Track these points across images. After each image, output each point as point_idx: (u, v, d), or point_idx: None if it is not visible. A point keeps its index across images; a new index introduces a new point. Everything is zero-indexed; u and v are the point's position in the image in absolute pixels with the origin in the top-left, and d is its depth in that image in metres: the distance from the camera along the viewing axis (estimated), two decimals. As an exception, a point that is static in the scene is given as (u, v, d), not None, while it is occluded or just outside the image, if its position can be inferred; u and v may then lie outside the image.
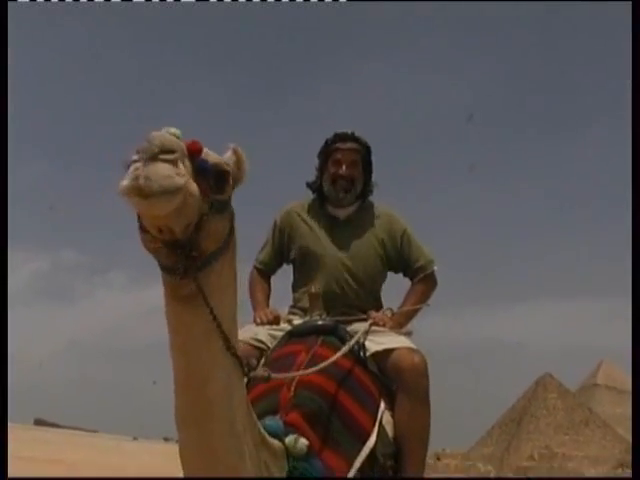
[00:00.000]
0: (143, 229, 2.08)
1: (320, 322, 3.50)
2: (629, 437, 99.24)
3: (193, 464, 2.30)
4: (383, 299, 4.03)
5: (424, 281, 3.88)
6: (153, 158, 1.93)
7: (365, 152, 3.81)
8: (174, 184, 1.93)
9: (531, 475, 78.80)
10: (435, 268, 3.90)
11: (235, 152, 2.29)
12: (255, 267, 4.01)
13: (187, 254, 2.09)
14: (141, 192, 1.89)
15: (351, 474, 2.77)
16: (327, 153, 3.80)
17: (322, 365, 2.94)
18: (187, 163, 2.05)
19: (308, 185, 3.96)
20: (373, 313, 3.62)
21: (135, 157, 1.96)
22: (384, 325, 3.52)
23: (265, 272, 4.06)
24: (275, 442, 2.55)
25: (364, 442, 2.93)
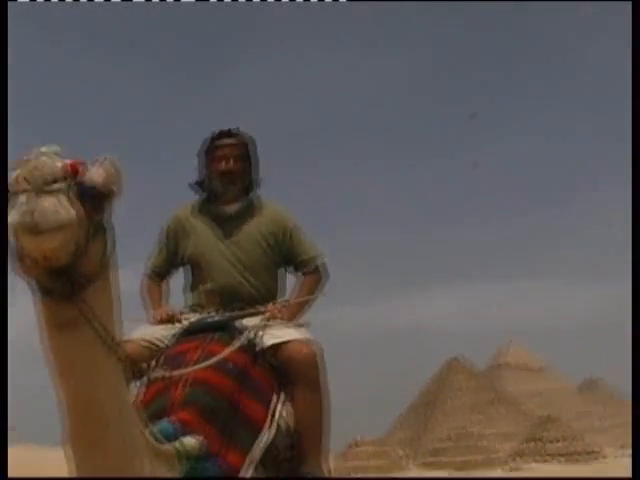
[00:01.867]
0: (19, 257, 2.03)
1: (214, 319, 3.52)
2: (538, 412, 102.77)
3: None
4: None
5: (311, 274, 3.87)
6: (38, 190, 1.93)
7: (247, 147, 3.85)
8: (62, 219, 1.94)
9: (446, 455, 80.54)
10: (320, 262, 3.92)
11: (111, 165, 2.17)
12: (146, 274, 3.96)
13: (71, 278, 2.07)
14: (31, 230, 1.91)
15: (249, 468, 2.80)
16: (210, 151, 3.83)
17: (211, 361, 2.99)
18: (73, 188, 2.02)
19: (195, 184, 3.93)
20: (270, 306, 3.63)
21: (16, 187, 1.96)
22: (281, 317, 3.54)
23: (158, 275, 4.00)
24: (169, 447, 2.54)
25: (260, 435, 2.96)
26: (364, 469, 72.83)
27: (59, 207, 1.94)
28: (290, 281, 4.01)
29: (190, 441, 2.58)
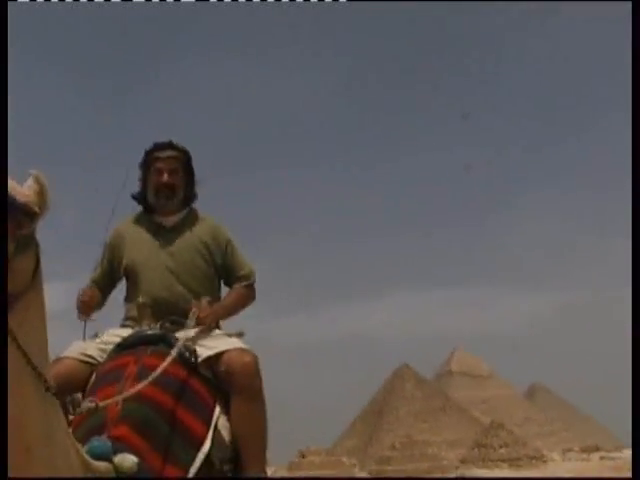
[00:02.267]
0: None
1: (148, 332, 3.44)
2: (484, 419, 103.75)
3: None
4: None
5: (245, 288, 3.85)
6: None
7: (185, 159, 3.84)
8: None
9: (393, 464, 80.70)
10: (254, 280, 3.91)
11: (37, 180, 2.14)
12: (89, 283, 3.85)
13: None
14: None
15: None
16: (148, 163, 3.80)
17: (150, 378, 2.90)
18: None
19: (133, 197, 3.90)
20: (194, 302, 3.58)
21: None
22: (204, 315, 3.52)
23: (97, 289, 3.87)
24: (101, 466, 2.47)
25: (199, 449, 2.90)
26: (312, 479, 72.62)
27: None
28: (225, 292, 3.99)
29: (126, 458, 2.53)
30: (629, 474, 3.56)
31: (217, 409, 3.16)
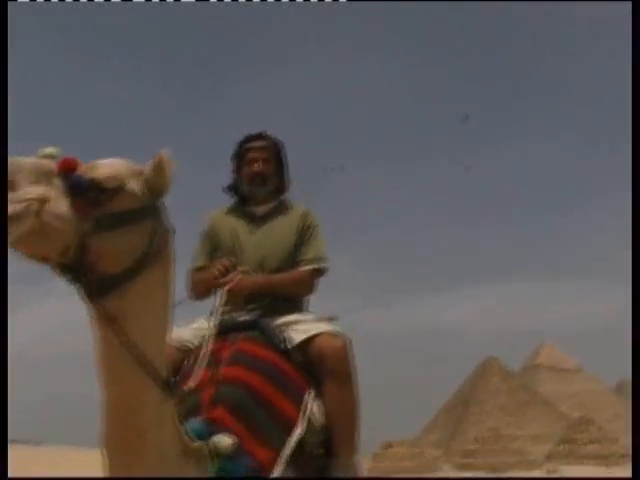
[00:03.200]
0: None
1: (241, 318, 3.47)
2: (571, 414, 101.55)
3: None
4: None
5: (300, 271, 3.70)
6: (12, 187, 1.92)
7: (276, 149, 3.86)
8: (14, 211, 1.89)
9: (478, 457, 79.86)
10: (320, 266, 3.73)
11: (158, 158, 2.19)
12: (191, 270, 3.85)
13: (80, 278, 2.05)
14: (14, 240, 1.89)
15: (279, 465, 2.75)
16: (240, 154, 3.84)
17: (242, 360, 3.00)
18: (57, 182, 1.99)
19: (226, 188, 3.94)
20: (231, 274, 3.52)
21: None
22: (238, 285, 3.46)
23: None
24: (199, 445, 2.53)
25: (291, 432, 2.90)
26: (397, 470, 72.66)
27: (16, 199, 1.91)
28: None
29: (222, 439, 2.57)
30: None
31: (309, 393, 3.15)
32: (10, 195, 1.90)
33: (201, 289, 3.65)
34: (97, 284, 2.07)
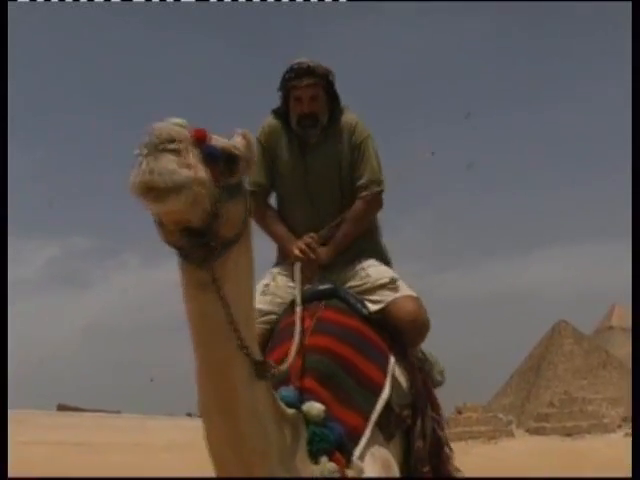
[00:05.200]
0: (159, 223, 2.11)
1: (320, 287, 3.49)
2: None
3: (220, 450, 2.36)
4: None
5: (364, 200, 3.69)
6: (157, 150, 1.96)
7: (325, 82, 3.67)
8: (180, 178, 1.96)
9: (552, 421, 79.19)
10: (379, 189, 3.73)
11: (244, 136, 2.29)
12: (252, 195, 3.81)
13: (205, 242, 2.11)
14: (150, 190, 1.94)
15: (368, 428, 2.83)
16: (287, 89, 3.69)
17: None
18: (195, 151, 2.05)
19: (274, 112, 3.85)
20: (300, 244, 3.52)
21: (140, 151, 1.98)
22: (313, 259, 3.48)
23: (263, 196, 3.80)
24: (293, 412, 2.58)
25: (378, 396, 2.99)
26: (470, 435, 72.67)
27: (176, 165, 1.96)
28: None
29: (313, 406, 2.65)
30: None
31: (392, 357, 3.24)
32: (174, 158, 1.96)
33: (283, 257, 3.69)
34: (215, 249, 2.13)
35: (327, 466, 2.55)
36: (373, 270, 3.61)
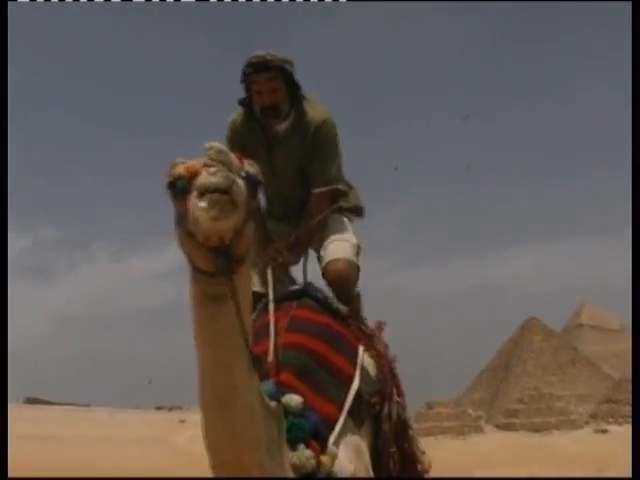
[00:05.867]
0: (190, 234, 2.23)
1: (292, 288, 3.72)
2: (614, 374, 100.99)
3: (216, 442, 2.55)
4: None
5: (316, 196, 3.95)
6: (234, 170, 2.19)
7: (284, 73, 3.79)
8: (244, 201, 2.19)
9: (520, 417, 79.98)
10: (332, 187, 3.96)
11: (252, 165, 2.39)
12: None
13: (228, 258, 2.25)
14: (223, 204, 2.12)
15: (342, 416, 3.04)
16: (247, 83, 3.85)
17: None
18: (241, 181, 2.23)
19: (240, 103, 3.99)
20: (270, 250, 3.74)
21: (211, 161, 2.17)
22: (283, 260, 3.72)
23: None
24: (275, 404, 2.75)
25: (349, 387, 3.20)
26: (439, 430, 73.16)
27: (244, 189, 2.21)
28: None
29: (292, 398, 2.86)
30: None
31: (361, 348, 3.46)
32: (241, 182, 2.21)
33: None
34: (233, 264, 2.29)
35: (304, 453, 2.75)
36: (332, 246, 3.93)
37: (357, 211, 4.23)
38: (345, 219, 4.11)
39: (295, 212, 4.05)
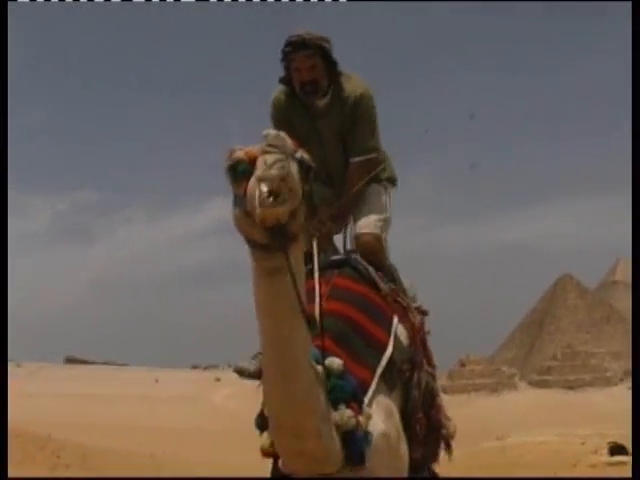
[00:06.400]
0: (248, 214, 2.37)
1: (334, 257, 3.90)
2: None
3: (278, 409, 2.74)
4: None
5: (356, 165, 4.13)
6: (289, 155, 2.34)
7: (322, 51, 3.97)
8: (298, 187, 2.34)
9: (554, 374, 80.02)
10: (371, 156, 4.13)
11: (305, 151, 2.51)
12: None
13: (282, 235, 2.40)
14: (277, 190, 2.26)
15: (375, 380, 3.21)
16: (287, 62, 4.00)
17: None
18: (294, 164, 2.37)
19: (281, 81, 4.13)
20: (314, 224, 3.84)
21: (267, 148, 2.32)
22: (327, 231, 3.94)
23: None
24: (320, 368, 2.91)
25: (383, 353, 3.36)
26: (473, 387, 73.54)
27: (298, 175, 2.36)
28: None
29: (334, 362, 2.99)
30: None
31: (395, 319, 3.61)
32: (296, 167, 2.36)
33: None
34: (289, 240, 2.45)
35: (345, 412, 2.90)
36: (362, 220, 4.11)
37: (393, 181, 4.41)
38: (383, 189, 4.29)
39: (339, 176, 4.21)
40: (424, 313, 4.04)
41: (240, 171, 2.38)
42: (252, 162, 2.34)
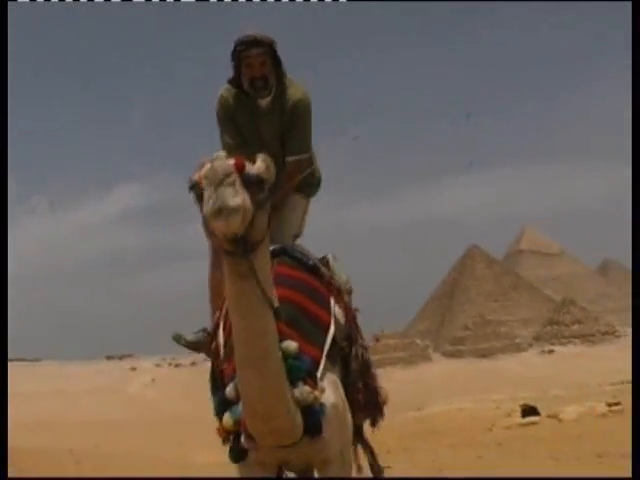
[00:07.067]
0: (211, 234, 2.81)
1: (272, 247, 3.99)
2: (556, 297, 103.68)
3: (251, 396, 3.09)
4: None
5: (292, 163, 4.40)
6: (219, 184, 2.69)
7: (270, 50, 4.26)
8: (238, 203, 2.67)
9: (467, 344, 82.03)
10: (306, 155, 4.42)
11: (264, 160, 2.96)
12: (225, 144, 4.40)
13: (244, 243, 2.80)
14: (217, 214, 2.66)
15: (323, 358, 3.53)
16: (238, 59, 4.26)
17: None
18: (239, 180, 2.73)
19: (229, 82, 4.39)
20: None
21: (205, 184, 2.71)
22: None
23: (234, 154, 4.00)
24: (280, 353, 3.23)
25: (327, 333, 3.68)
26: (389, 361, 74.67)
27: (234, 194, 2.68)
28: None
29: (290, 344, 3.28)
30: None
31: (332, 300, 3.90)
32: (231, 191, 2.69)
33: None
34: (250, 248, 2.84)
35: (304, 389, 3.25)
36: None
37: (318, 184, 4.73)
38: (304, 201, 4.63)
39: (279, 172, 4.30)
40: (349, 292, 4.30)
41: (198, 194, 2.76)
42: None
